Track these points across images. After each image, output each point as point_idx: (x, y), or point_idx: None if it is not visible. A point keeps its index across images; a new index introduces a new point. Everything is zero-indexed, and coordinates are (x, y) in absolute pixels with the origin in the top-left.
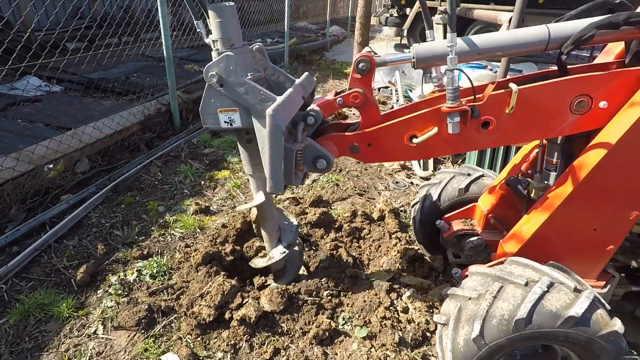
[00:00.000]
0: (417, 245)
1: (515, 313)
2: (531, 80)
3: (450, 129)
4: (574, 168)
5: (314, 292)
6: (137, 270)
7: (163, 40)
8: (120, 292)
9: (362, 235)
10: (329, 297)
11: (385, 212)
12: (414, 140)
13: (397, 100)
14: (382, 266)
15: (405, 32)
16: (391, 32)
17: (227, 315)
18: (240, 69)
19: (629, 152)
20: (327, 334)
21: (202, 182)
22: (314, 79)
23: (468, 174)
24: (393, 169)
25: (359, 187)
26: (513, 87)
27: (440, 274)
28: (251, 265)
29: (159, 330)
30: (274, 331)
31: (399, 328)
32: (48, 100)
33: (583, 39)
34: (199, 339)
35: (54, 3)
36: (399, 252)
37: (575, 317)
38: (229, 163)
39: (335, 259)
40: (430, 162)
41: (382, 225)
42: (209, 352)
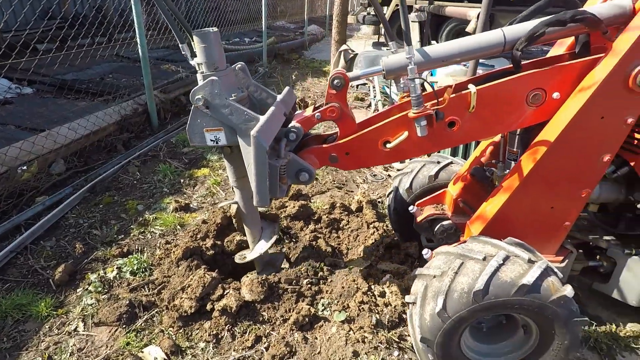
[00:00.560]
0: (393, 234)
1: (473, 286)
2: (490, 79)
3: (418, 132)
4: (530, 152)
5: (294, 281)
6: (117, 268)
7: (138, 40)
8: (100, 289)
9: (340, 226)
10: (309, 285)
11: (363, 204)
12: (388, 145)
13: (375, 97)
14: (360, 254)
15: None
16: (369, 30)
17: (208, 306)
18: (225, 91)
19: (577, 135)
20: (307, 319)
21: (182, 181)
22: (295, 94)
23: (438, 162)
24: None
25: (338, 181)
26: (472, 88)
27: (416, 260)
28: (236, 260)
29: (141, 324)
30: (255, 320)
31: (376, 311)
32: (19, 102)
33: (535, 36)
34: (181, 330)
35: (23, 3)
36: (376, 241)
37: (527, 285)
38: (208, 161)
39: (314, 249)
40: None
41: (360, 216)
42: (192, 343)
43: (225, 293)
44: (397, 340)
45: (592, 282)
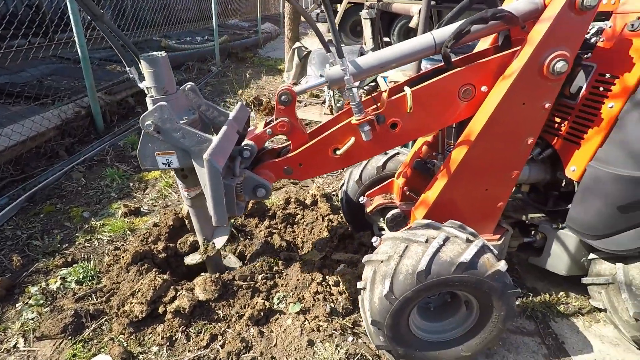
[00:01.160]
0: (347, 225)
1: (417, 267)
2: (424, 79)
3: (364, 137)
4: (462, 140)
5: (249, 277)
6: (60, 278)
7: (76, 40)
8: (42, 302)
9: (296, 220)
10: (264, 280)
11: (318, 197)
12: (338, 152)
13: (329, 93)
14: (315, 247)
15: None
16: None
17: (160, 309)
18: (175, 115)
19: (502, 121)
20: (262, 314)
21: (131, 184)
22: (248, 110)
23: (385, 153)
24: None
25: None
26: (407, 90)
27: (369, 248)
28: (186, 262)
29: (88, 334)
30: (210, 319)
31: (331, 300)
32: None
33: (462, 33)
34: (132, 336)
35: None
36: (330, 232)
37: (465, 263)
38: None
39: (269, 244)
40: None
41: (315, 210)
42: (144, 348)
43: (178, 295)
44: (351, 326)
45: (528, 257)
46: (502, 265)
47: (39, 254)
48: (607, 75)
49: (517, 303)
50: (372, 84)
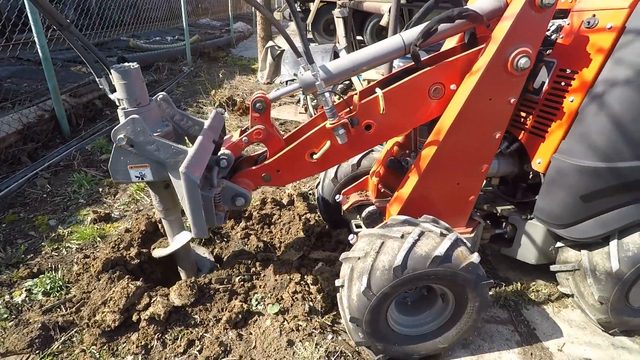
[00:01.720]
0: (325, 224)
1: (393, 262)
2: (394, 79)
3: (339, 140)
4: (433, 136)
5: (226, 280)
6: (26, 290)
7: (36, 40)
8: (6, 316)
9: (272, 220)
10: (241, 283)
11: (294, 197)
12: (314, 157)
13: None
14: (292, 246)
15: (309, 26)
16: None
17: (134, 317)
18: (149, 127)
19: (470, 116)
20: (240, 316)
21: (101, 190)
22: (224, 117)
23: None
24: None
25: None
26: (378, 92)
27: (346, 246)
28: (153, 255)
29: (58, 347)
30: (187, 324)
31: (310, 299)
32: None
33: (430, 32)
34: (105, 347)
35: None
36: (307, 231)
37: (440, 256)
38: None
39: (246, 246)
40: None
41: (292, 209)
42: (118, 358)
43: (152, 301)
44: (330, 324)
45: (500, 248)
46: (475, 257)
47: (2, 265)
48: (567, 70)
49: (490, 293)
50: (347, 82)
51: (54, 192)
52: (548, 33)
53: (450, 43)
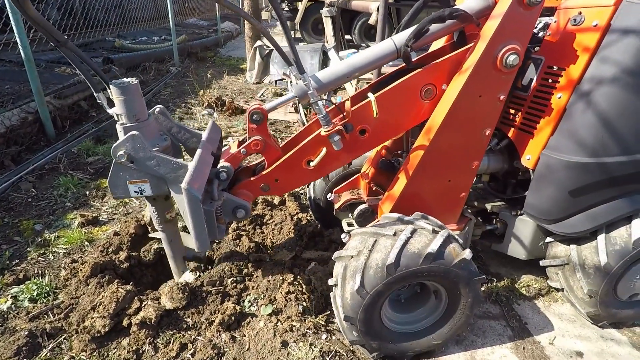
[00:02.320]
0: (317, 223)
1: (386, 260)
2: (385, 83)
3: (335, 147)
4: (424, 133)
5: (218, 282)
6: (11, 297)
7: (18, 40)
8: None
9: (264, 221)
10: (234, 284)
11: (286, 197)
12: (311, 164)
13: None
14: (284, 247)
15: (297, 25)
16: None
17: (125, 322)
18: (148, 142)
19: (460, 113)
20: (233, 318)
21: (88, 193)
22: (219, 127)
23: None
24: None
25: None
26: (371, 96)
27: (339, 245)
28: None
29: (46, 354)
30: (179, 327)
31: (303, 299)
32: None
33: (422, 32)
34: (95, 353)
35: None
36: (300, 231)
37: (432, 253)
38: None
39: (238, 247)
40: None
41: (284, 209)
42: None
43: (143, 305)
44: (324, 324)
45: (491, 244)
46: (468, 253)
47: None
48: (554, 67)
49: (482, 289)
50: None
51: (39, 196)
52: (535, 30)
53: (439, 43)
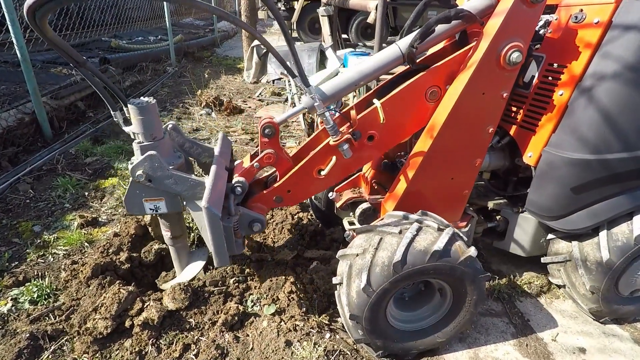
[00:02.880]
0: (318, 222)
1: (392, 258)
2: (390, 86)
3: (344, 155)
4: (427, 131)
5: (220, 282)
6: (12, 299)
7: (14, 41)
8: None
9: None
10: (236, 284)
11: None
12: (322, 173)
13: (291, 90)
14: (286, 246)
15: (294, 25)
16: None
17: (127, 323)
18: (165, 162)
19: (464, 111)
20: (236, 318)
21: (87, 194)
22: (230, 140)
23: None
24: None
25: None
26: (376, 102)
27: (340, 244)
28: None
29: (48, 356)
30: (182, 328)
31: (306, 298)
32: None
33: (428, 32)
34: (97, 355)
35: None
36: (301, 231)
37: (439, 251)
38: (116, 169)
39: None
40: None
41: (284, 209)
42: None
43: (145, 306)
44: (327, 322)
45: (493, 241)
46: (473, 251)
47: None
48: (555, 64)
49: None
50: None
51: (37, 197)
52: (536, 28)
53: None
